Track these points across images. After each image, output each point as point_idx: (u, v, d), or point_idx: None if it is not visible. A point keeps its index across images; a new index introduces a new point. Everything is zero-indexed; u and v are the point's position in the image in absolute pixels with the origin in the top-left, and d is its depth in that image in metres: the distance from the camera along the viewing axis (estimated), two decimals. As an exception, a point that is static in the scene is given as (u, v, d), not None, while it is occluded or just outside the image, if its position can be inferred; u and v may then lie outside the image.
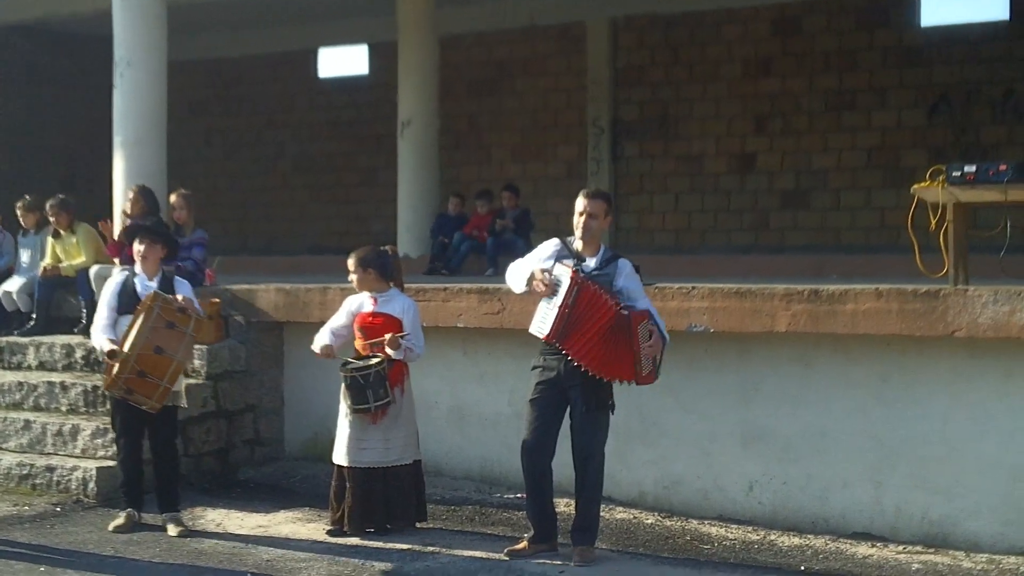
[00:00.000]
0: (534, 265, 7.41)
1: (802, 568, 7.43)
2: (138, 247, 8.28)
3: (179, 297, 8.09)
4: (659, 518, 8.58)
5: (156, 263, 8.35)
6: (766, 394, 8.48)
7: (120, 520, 8.25)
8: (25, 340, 10.99)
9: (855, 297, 7.92)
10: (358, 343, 8.21)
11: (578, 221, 7.36)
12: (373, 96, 20.06)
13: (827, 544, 7.93)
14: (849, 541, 7.98)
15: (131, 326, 7.91)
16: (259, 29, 20.31)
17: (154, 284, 8.23)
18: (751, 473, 8.50)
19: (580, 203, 7.38)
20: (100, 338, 8.15)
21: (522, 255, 13.57)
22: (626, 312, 7.13)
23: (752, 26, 17.59)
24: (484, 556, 7.56)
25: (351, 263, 8.19)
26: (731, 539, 8.09)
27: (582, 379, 7.24)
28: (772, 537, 8.11)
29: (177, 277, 8.60)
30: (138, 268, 8.33)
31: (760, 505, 8.44)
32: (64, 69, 20.20)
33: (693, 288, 8.48)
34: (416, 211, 15.15)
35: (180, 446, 9.28)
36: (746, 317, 8.27)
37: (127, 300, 8.17)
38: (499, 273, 13.40)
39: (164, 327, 7.78)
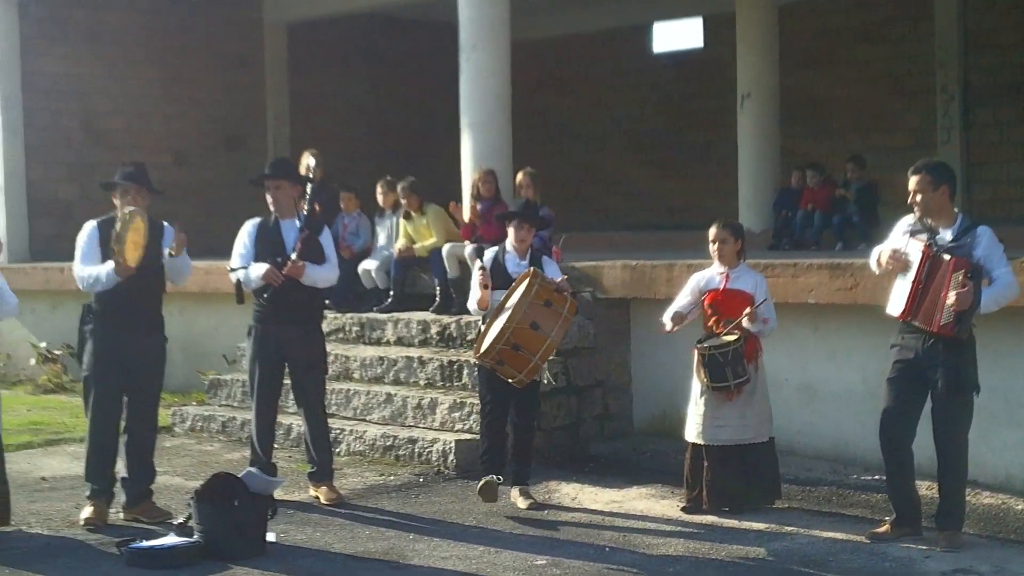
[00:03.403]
0: (890, 244, 7.26)
1: None
2: (517, 232, 8.43)
3: (560, 279, 8.21)
4: (1029, 504, 8.17)
5: (528, 244, 8.53)
6: None
7: (486, 484, 8.29)
8: (383, 316, 11.50)
9: None
10: (709, 320, 8.16)
11: (911, 199, 7.18)
12: (707, 70, 19.87)
13: None
14: None
15: (503, 302, 8.12)
16: (593, 7, 20.45)
17: (525, 263, 8.41)
18: None
19: (910, 181, 7.15)
20: (473, 302, 8.38)
21: (861, 230, 13.44)
22: (947, 256, 6.89)
23: (1119, -21, 16.45)
24: (844, 538, 7.42)
25: (718, 232, 8.12)
26: (1112, 528, 7.62)
27: (943, 359, 7.01)
28: None
29: (545, 257, 8.76)
30: (509, 247, 8.51)
31: None
32: (401, 53, 20.92)
33: (1063, 262, 8.00)
34: (756, 185, 14.93)
35: (532, 421, 9.48)
36: None
37: (498, 278, 8.35)
38: (848, 248, 13.13)
39: (542, 305, 7.91)
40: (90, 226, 8.13)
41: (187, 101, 18.30)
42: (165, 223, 8.22)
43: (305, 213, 8.48)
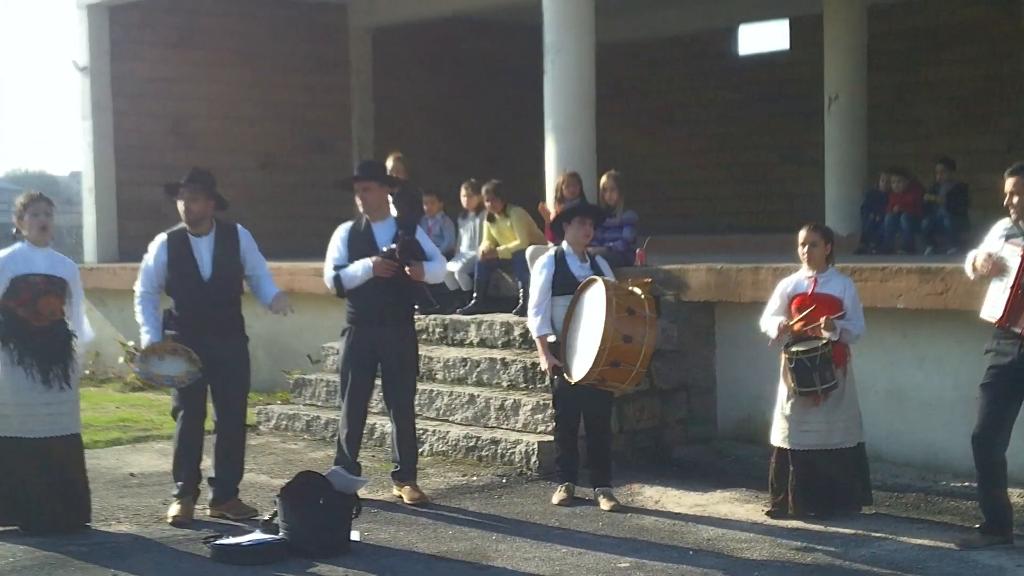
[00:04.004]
0: (985, 248, 7.16)
1: None
2: (581, 228, 8.43)
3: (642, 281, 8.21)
4: None
5: (591, 240, 8.53)
6: None
7: (562, 494, 8.49)
8: (466, 318, 11.52)
9: None
10: (796, 325, 8.07)
11: (1007, 201, 7.05)
12: (793, 72, 19.67)
13: None
14: None
15: (571, 310, 8.15)
16: (679, 9, 20.34)
17: (587, 264, 8.42)
18: None
19: (1006, 182, 7.04)
20: (536, 331, 8.40)
21: (952, 233, 13.20)
22: None
23: None
24: (932, 545, 7.30)
25: (808, 235, 8.01)
26: None
27: (1040, 365, 6.89)
28: None
29: (598, 258, 8.75)
30: (568, 249, 8.50)
31: None
32: (486, 56, 20.92)
33: None
34: (844, 188, 14.75)
35: (616, 424, 9.45)
36: None
37: (562, 281, 8.37)
38: (937, 252, 12.91)
39: (626, 314, 7.91)
40: (160, 239, 8.16)
41: (273, 105, 18.46)
42: (238, 226, 8.29)
43: (395, 216, 8.57)
